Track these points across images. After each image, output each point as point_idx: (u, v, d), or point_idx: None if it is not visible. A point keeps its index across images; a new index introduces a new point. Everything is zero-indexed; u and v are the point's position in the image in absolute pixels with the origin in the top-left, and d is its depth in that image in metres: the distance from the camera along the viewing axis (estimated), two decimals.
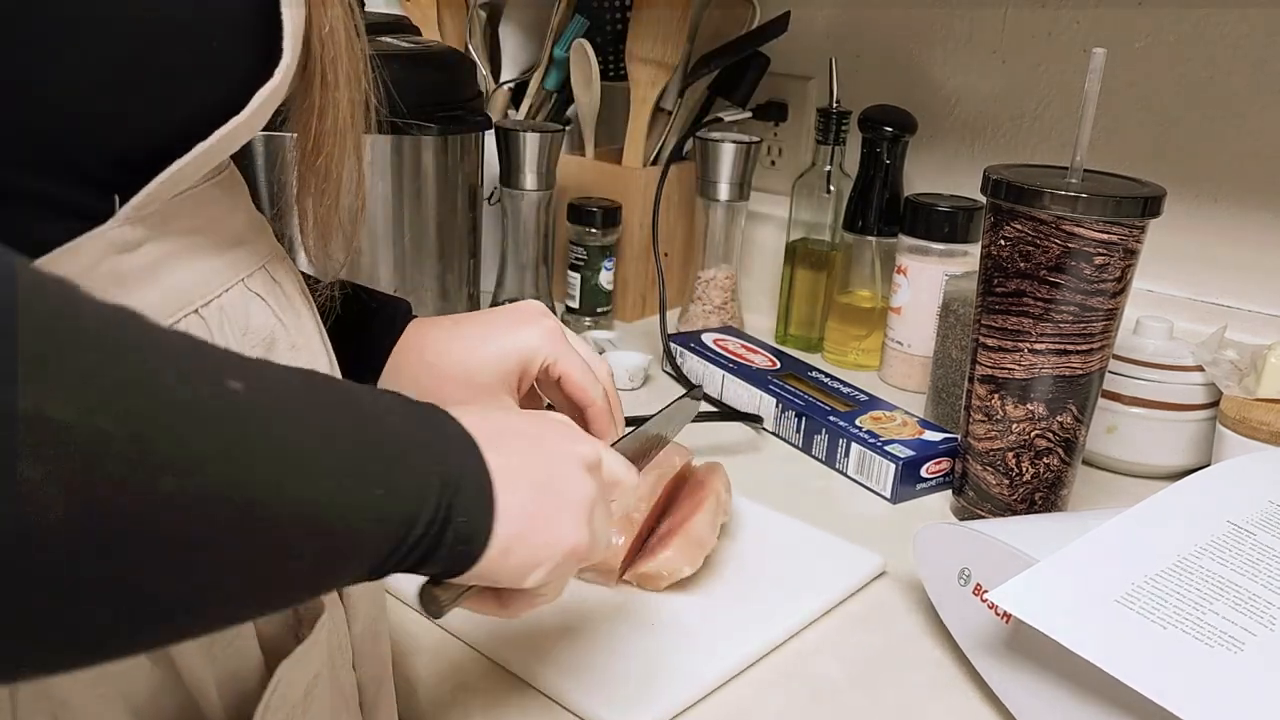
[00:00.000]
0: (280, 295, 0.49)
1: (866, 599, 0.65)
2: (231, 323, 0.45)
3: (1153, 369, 0.80)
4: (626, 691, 0.54)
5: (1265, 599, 0.49)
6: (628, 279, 1.09)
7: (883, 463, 0.77)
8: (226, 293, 0.45)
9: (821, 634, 0.61)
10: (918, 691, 0.57)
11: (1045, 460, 0.70)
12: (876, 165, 0.98)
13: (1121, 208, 0.64)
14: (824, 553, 0.67)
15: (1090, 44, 0.67)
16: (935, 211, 0.92)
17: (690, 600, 0.62)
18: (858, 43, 1.05)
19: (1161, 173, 0.89)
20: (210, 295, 0.44)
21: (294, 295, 0.50)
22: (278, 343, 0.47)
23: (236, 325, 0.45)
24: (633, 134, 1.07)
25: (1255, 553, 0.53)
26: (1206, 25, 0.86)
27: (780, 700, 0.55)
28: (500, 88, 1.12)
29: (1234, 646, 0.47)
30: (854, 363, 1.02)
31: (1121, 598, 0.50)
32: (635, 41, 1.04)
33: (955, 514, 0.75)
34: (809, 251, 1.04)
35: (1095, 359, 0.68)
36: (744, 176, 1.03)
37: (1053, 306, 0.66)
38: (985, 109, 0.99)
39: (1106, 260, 0.65)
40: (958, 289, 0.86)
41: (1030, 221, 0.65)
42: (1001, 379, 0.69)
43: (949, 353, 0.86)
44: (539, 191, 1.01)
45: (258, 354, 0.46)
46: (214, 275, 0.44)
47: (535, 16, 1.19)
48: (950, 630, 0.59)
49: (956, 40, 1.00)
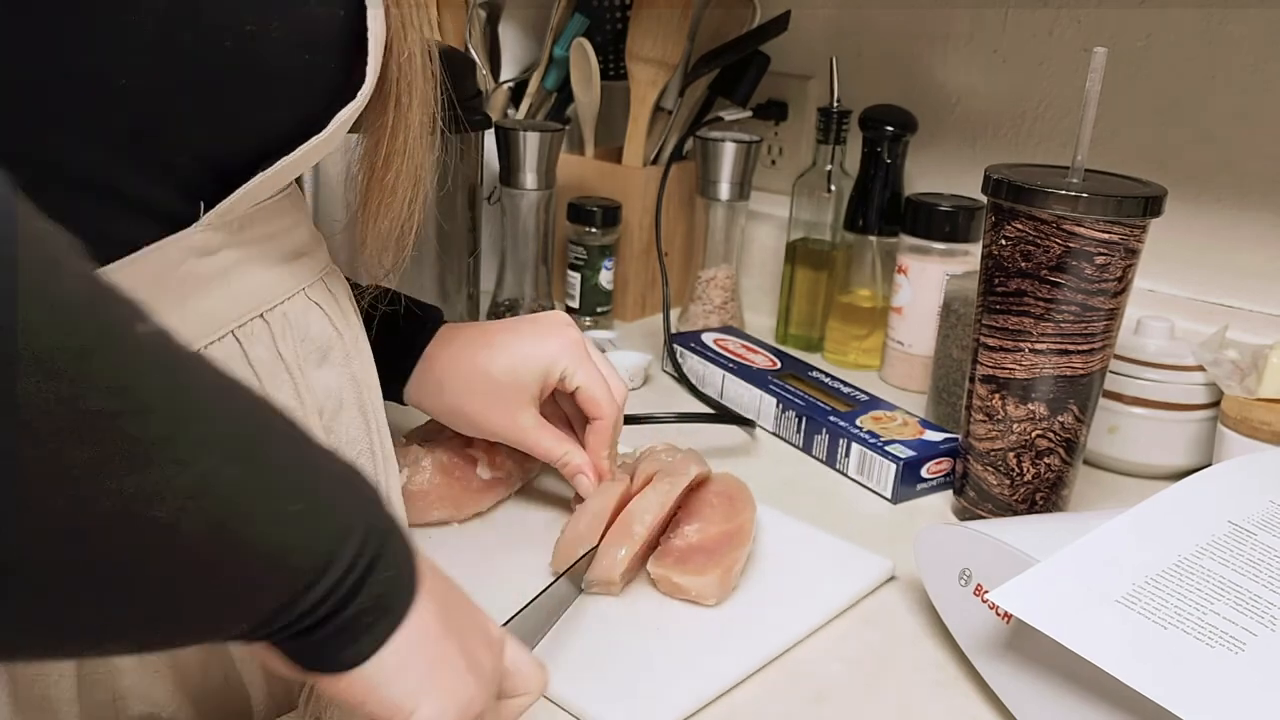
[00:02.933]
0: (335, 306, 0.51)
1: (867, 599, 0.65)
2: (294, 329, 0.47)
3: (1154, 369, 0.80)
4: (628, 695, 0.54)
5: (1266, 599, 0.49)
6: (628, 279, 1.09)
7: (883, 463, 0.77)
8: (289, 300, 0.47)
9: (823, 634, 0.61)
10: (918, 691, 0.57)
11: (1046, 460, 0.70)
12: (877, 165, 0.98)
13: (1123, 207, 0.64)
14: (832, 557, 0.67)
15: (1091, 43, 0.67)
16: (936, 211, 0.91)
17: (698, 605, 0.61)
18: (858, 42, 1.05)
19: (1162, 172, 0.89)
20: (275, 301, 0.46)
21: (347, 307, 0.53)
22: (333, 350, 0.49)
23: (297, 332, 0.47)
24: (633, 133, 1.07)
25: (1256, 553, 0.52)
26: (1206, 25, 0.86)
27: (780, 700, 0.55)
28: (500, 87, 1.12)
29: (1235, 647, 0.47)
30: (854, 363, 1.02)
31: (1122, 598, 0.50)
32: (635, 41, 1.04)
33: (956, 514, 0.75)
34: (809, 251, 1.04)
35: (1096, 359, 0.68)
36: (744, 176, 1.02)
37: (1054, 306, 0.66)
38: (986, 108, 0.99)
39: (1108, 260, 0.64)
40: (958, 288, 0.86)
41: (1031, 221, 0.65)
42: (1002, 379, 0.69)
43: (950, 353, 0.86)
44: (539, 191, 1.01)
45: (315, 359, 0.48)
46: (279, 283, 0.46)
47: (535, 16, 1.19)
48: (951, 630, 0.59)
49: (957, 39, 1.00)
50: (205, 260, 0.42)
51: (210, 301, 0.42)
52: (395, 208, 0.49)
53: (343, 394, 0.50)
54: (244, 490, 0.29)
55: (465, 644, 0.38)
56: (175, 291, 0.40)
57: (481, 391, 0.64)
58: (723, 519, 0.65)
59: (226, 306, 0.43)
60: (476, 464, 0.69)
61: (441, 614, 0.37)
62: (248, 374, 0.44)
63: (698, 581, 0.60)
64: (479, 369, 0.64)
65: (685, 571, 0.61)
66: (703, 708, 0.54)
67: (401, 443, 0.70)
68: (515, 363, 0.64)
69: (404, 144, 0.47)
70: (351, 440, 0.51)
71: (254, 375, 0.44)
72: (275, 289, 0.46)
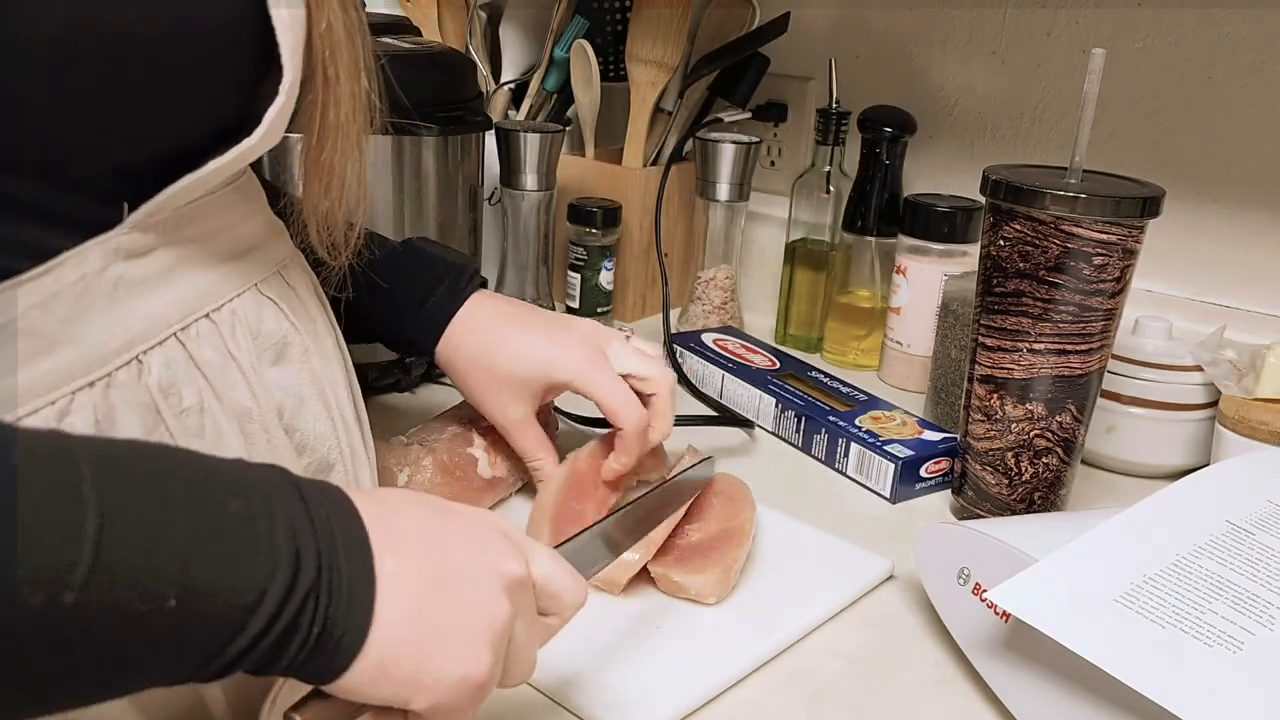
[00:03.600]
0: (295, 299, 0.49)
1: (866, 598, 0.65)
2: (244, 326, 0.45)
3: (1152, 369, 0.80)
4: (628, 694, 0.54)
5: (1264, 599, 0.50)
6: (628, 279, 1.09)
7: (882, 462, 0.77)
8: (239, 297, 0.45)
9: (822, 633, 0.61)
10: (917, 690, 0.57)
11: (1044, 460, 0.70)
12: (876, 165, 0.98)
13: (1121, 208, 0.64)
14: (832, 557, 0.67)
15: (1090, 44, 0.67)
16: (934, 211, 0.92)
17: (698, 604, 0.61)
18: (857, 43, 1.06)
19: (1161, 173, 0.89)
20: (222, 300, 0.44)
21: (308, 299, 0.51)
22: (291, 346, 0.48)
23: (248, 329, 0.45)
24: (633, 134, 1.08)
25: (1254, 552, 0.53)
26: (1206, 25, 0.86)
27: (779, 699, 0.55)
28: (500, 88, 1.12)
29: (1233, 646, 0.47)
30: (853, 363, 1.02)
31: (1121, 597, 0.50)
32: (635, 42, 1.05)
33: (954, 514, 0.76)
34: (809, 251, 1.04)
35: (1094, 359, 0.68)
36: (744, 177, 1.03)
37: (1052, 306, 0.66)
38: (985, 109, 0.99)
39: (1105, 260, 0.65)
40: (957, 289, 0.86)
41: (1029, 222, 0.65)
42: (1001, 379, 0.69)
43: (948, 353, 0.87)
44: (539, 192, 1.01)
45: (270, 357, 0.47)
46: (226, 280, 0.44)
47: (535, 17, 1.19)
48: (950, 630, 0.59)
49: (956, 40, 1.00)
50: (136, 263, 0.40)
51: (147, 304, 0.40)
52: (336, 187, 0.47)
53: (303, 391, 0.48)
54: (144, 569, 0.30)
55: (454, 613, 0.38)
56: (106, 297, 0.39)
57: (486, 369, 0.67)
58: (723, 519, 0.65)
59: (166, 308, 0.41)
60: (477, 464, 0.69)
61: (419, 596, 0.37)
62: (193, 376, 0.42)
63: (698, 580, 0.61)
64: (489, 351, 0.67)
65: (685, 570, 0.61)
66: (703, 707, 0.54)
67: (403, 443, 0.70)
68: (520, 358, 0.66)
69: (336, 120, 0.45)
70: (318, 437, 0.49)
71: (201, 377, 0.43)
72: (223, 287, 0.44)
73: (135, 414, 0.39)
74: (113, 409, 0.39)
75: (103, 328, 0.38)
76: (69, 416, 0.37)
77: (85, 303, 0.38)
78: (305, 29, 0.42)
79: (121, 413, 0.39)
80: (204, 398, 0.42)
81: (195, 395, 0.42)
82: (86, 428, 0.38)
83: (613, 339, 0.69)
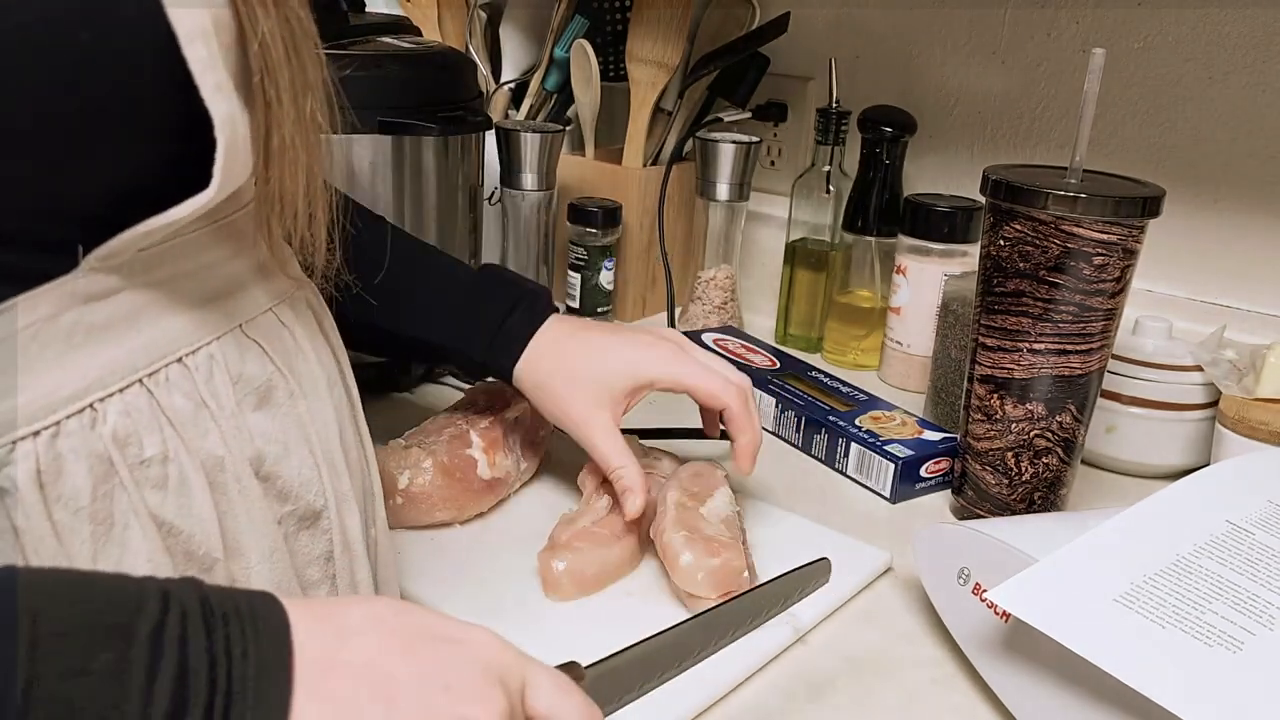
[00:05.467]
0: (287, 340, 0.47)
1: (866, 597, 0.65)
2: (222, 371, 0.43)
3: (1152, 369, 0.80)
4: None
5: (1264, 599, 0.50)
6: (628, 279, 1.09)
7: (882, 462, 0.77)
8: (218, 340, 0.43)
9: (822, 632, 0.61)
10: (917, 690, 0.57)
11: (1044, 460, 0.70)
12: (876, 165, 0.98)
13: (1121, 208, 0.64)
14: (829, 550, 0.67)
15: (1090, 44, 0.67)
16: (934, 211, 0.92)
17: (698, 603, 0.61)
18: (857, 43, 1.06)
19: (1161, 173, 0.89)
20: (198, 343, 0.42)
21: (305, 337, 0.48)
22: (275, 390, 0.46)
23: (227, 374, 0.43)
24: (633, 134, 1.08)
25: (1254, 552, 0.53)
26: (1206, 25, 0.86)
27: (779, 698, 0.56)
28: (500, 88, 1.12)
29: (1233, 646, 0.47)
30: (853, 363, 1.02)
31: (1120, 597, 0.50)
32: (635, 42, 1.05)
33: (954, 513, 0.76)
34: (809, 251, 1.04)
35: (1094, 359, 0.68)
36: (744, 177, 1.03)
37: (1052, 306, 0.66)
38: (985, 109, 0.99)
39: (1106, 260, 0.65)
40: (957, 289, 0.86)
41: (1029, 222, 0.65)
42: (1001, 379, 0.69)
43: (948, 353, 0.87)
44: (539, 192, 1.01)
45: (252, 402, 0.44)
46: (203, 324, 0.42)
47: (535, 17, 1.19)
48: (950, 629, 0.59)
49: (956, 40, 1.00)
50: (97, 306, 0.38)
51: (110, 350, 0.38)
52: (287, 217, 0.43)
53: (287, 437, 0.45)
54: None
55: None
56: (60, 343, 0.37)
57: (567, 378, 0.67)
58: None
59: (132, 354, 0.39)
60: (476, 465, 0.69)
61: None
62: (159, 424, 0.40)
63: (698, 579, 0.61)
64: (569, 360, 0.67)
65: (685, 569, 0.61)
66: (702, 706, 0.54)
67: (401, 446, 0.70)
68: (604, 362, 0.67)
69: (281, 145, 0.41)
70: (303, 484, 0.46)
71: (168, 425, 0.40)
72: (199, 331, 0.42)
73: (84, 464, 0.37)
74: (60, 459, 0.37)
75: (51, 376, 0.36)
76: (7, 468, 0.35)
77: (34, 350, 0.36)
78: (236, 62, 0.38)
79: (70, 463, 0.37)
80: (169, 446, 0.40)
81: (159, 444, 0.40)
82: (27, 479, 0.36)
83: (686, 340, 0.70)
